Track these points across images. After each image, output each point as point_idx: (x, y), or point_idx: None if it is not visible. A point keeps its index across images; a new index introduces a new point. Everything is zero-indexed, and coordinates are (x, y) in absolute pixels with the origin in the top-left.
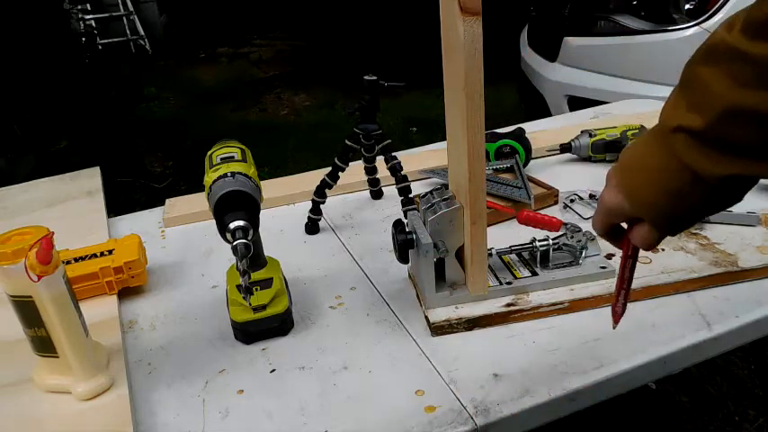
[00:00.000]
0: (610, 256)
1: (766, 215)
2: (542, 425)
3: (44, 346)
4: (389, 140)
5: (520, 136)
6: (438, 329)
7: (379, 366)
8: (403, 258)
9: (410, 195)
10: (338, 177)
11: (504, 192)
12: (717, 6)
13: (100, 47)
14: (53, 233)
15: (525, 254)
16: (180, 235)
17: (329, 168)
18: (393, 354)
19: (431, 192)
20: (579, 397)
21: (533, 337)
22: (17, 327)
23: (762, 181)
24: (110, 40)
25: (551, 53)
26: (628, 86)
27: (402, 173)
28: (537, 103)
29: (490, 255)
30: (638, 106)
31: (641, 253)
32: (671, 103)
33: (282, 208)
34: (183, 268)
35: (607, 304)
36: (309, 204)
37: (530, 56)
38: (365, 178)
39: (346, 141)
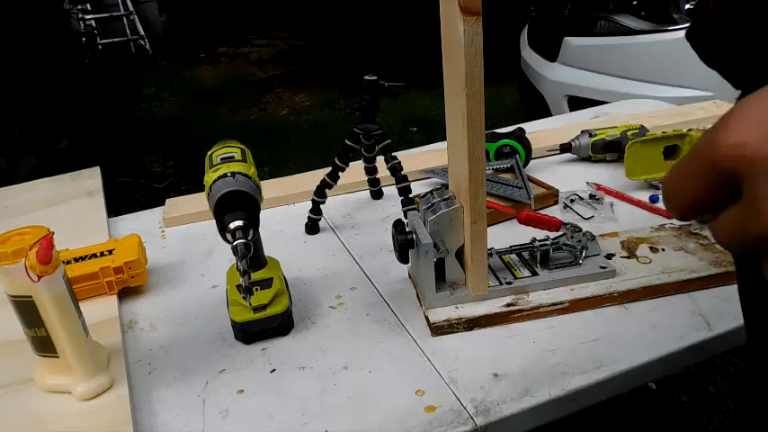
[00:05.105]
0: (610, 256)
1: None
2: (542, 425)
3: (44, 346)
4: (389, 140)
5: (520, 136)
6: (438, 329)
7: (379, 366)
8: (403, 258)
9: (410, 195)
10: (338, 177)
11: (505, 192)
12: None
13: (100, 47)
14: (53, 233)
15: (525, 254)
16: (180, 235)
17: (329, 168)
18: (393, 354)
19: (431, 192)
20: (579, 397)
21: (533, 337)
22: (17, 327)
23: None
24: (110, 40)
25: (551, 53)
26: (628, 86)
27: (402, 173)
28: (537, 103)
29: (490, 255)
30: (638, 106)
31: (640, 252)
32: None
33: (282, 208)
34: (183, 268)
35: (607, 304)
36: (309, 204)
37: (530, 56)
38: (365, 178)
39: (346, 141)
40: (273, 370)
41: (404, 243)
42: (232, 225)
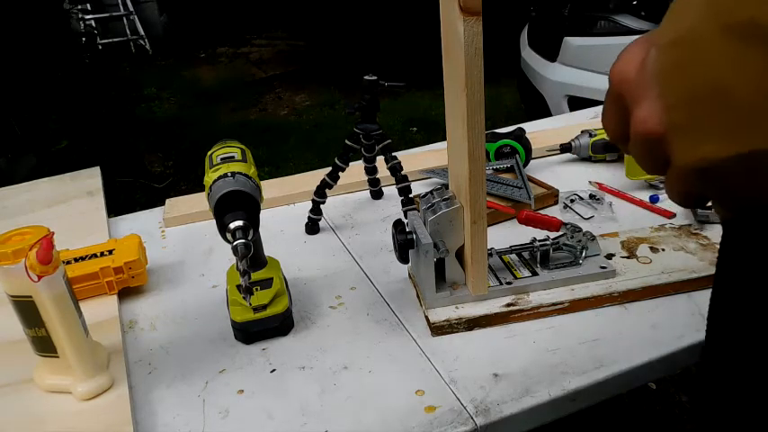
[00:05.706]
0: (610, 256)
1: None
2: (542, 425)
3: (44, 346)
4: (389, 140)
5: (520, 136)
6: (438, 329)
7: (379, 366)
8: (403, 258)
9: (410, 195)
10: (338, 177)
11: (505, 192)
12: None
13: (100, 47)
14: (53, 233)
15: (525, 254)
16: (180, 235)
17: (329, 168)
18: (393, 354)
19: (431, 192)
20: (579, 397)
21: (533, 337)
22: (17, 327)
23: None
24: (110, 40)
25: (551, 53)
26: None
27: (402, 173)
28: (537, 103)
29: (490, 255)
30: None
31: (641, 252)
32: None
33: (282, 208)
34: (183, 268)
35: (607, 304)
36: (309, 204)
37: (530, 56)
38: (365, 178)
39: (346, 141)
40: (273, 370)
41: (404, 243)
42: (232, 225)
